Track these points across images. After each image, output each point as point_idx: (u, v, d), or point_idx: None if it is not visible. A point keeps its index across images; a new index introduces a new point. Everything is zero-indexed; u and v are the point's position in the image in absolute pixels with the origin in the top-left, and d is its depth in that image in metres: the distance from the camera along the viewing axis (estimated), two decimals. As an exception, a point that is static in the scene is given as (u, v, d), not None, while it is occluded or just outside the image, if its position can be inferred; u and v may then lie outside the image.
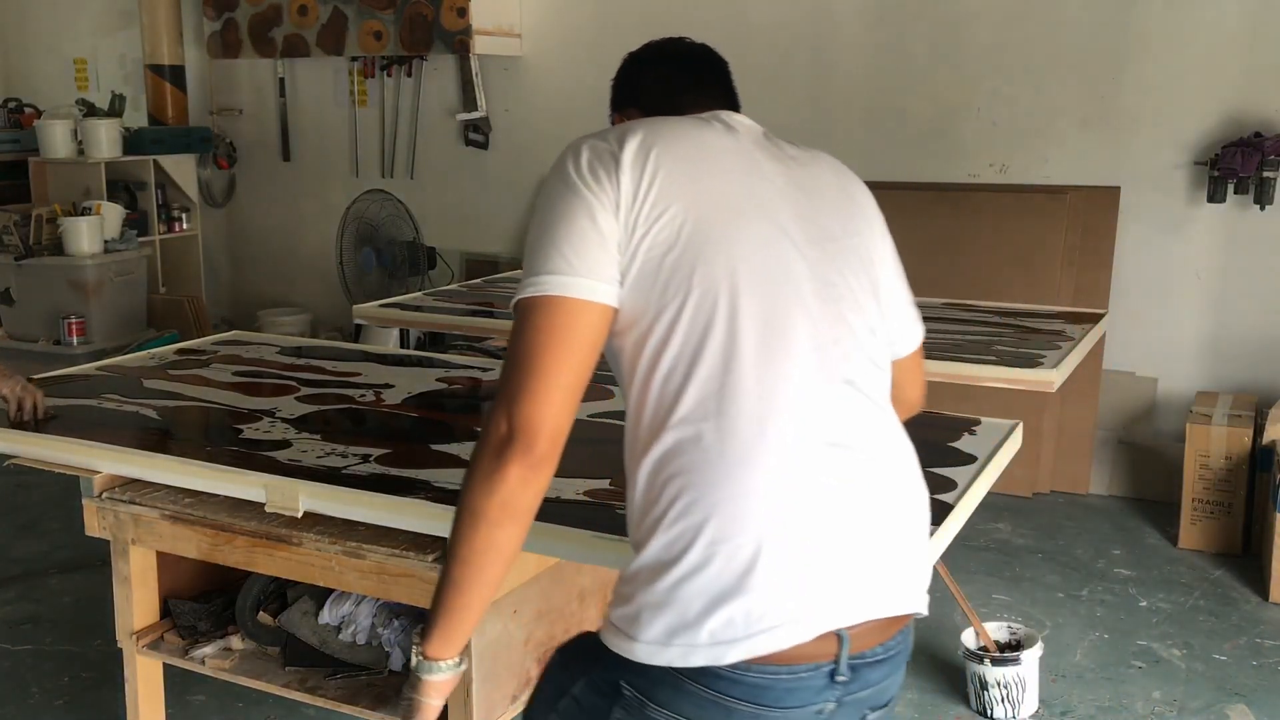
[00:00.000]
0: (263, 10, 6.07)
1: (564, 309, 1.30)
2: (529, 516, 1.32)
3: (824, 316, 1.37)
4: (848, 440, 1.33)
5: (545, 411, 1.28)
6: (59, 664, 3.27)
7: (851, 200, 1.54)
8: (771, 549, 1.26)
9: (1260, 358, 4.49)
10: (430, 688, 1.39)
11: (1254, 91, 4.38)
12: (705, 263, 1.32)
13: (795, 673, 1.26)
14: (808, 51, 5.15)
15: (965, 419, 2.65)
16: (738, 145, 1.45)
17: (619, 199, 1.33)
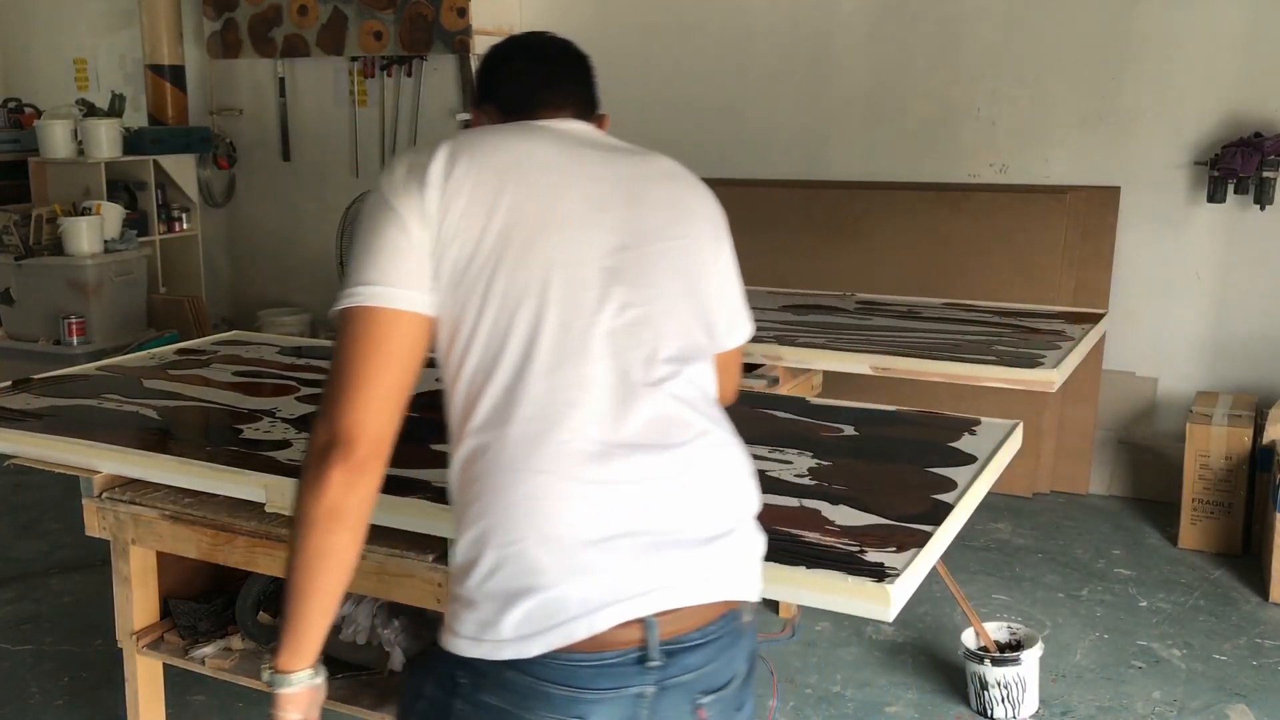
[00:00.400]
0: (263, 10, 6.07)
1: (377, 319, 1.36)
2: (360, 522, 1.36)
3: (627, 321, 1.40)
4: (646, 440, 1.38)
5: (363, 418, 1.34)
6: (59, 664, 3.27)
7: (678, 203, 1.54)
8: (555, 551, 1.32)
9: (1260, 358, 4.49)
10: (286, 701, 1.42)
11: (1254, 91, 4.38)
12: (505, 274, 1.37)
13: (602, 659, 1.32)
14: (808, 51, 5.15)
15: (965, 419, 2.65)
16: (559, 153, 1.48)
17: (425, 210, 1.37)
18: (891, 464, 2.37)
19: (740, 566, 1.43)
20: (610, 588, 1.32)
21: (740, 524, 1.45)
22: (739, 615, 1.44)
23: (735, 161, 5.37)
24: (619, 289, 1.42)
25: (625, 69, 5.58)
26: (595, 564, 1.33)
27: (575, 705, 1.33)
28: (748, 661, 1.48)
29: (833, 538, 1.94)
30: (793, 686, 3.15)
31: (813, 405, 2.83)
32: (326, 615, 1.40)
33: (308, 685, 1.42)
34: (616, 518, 1.35)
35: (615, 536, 1.34)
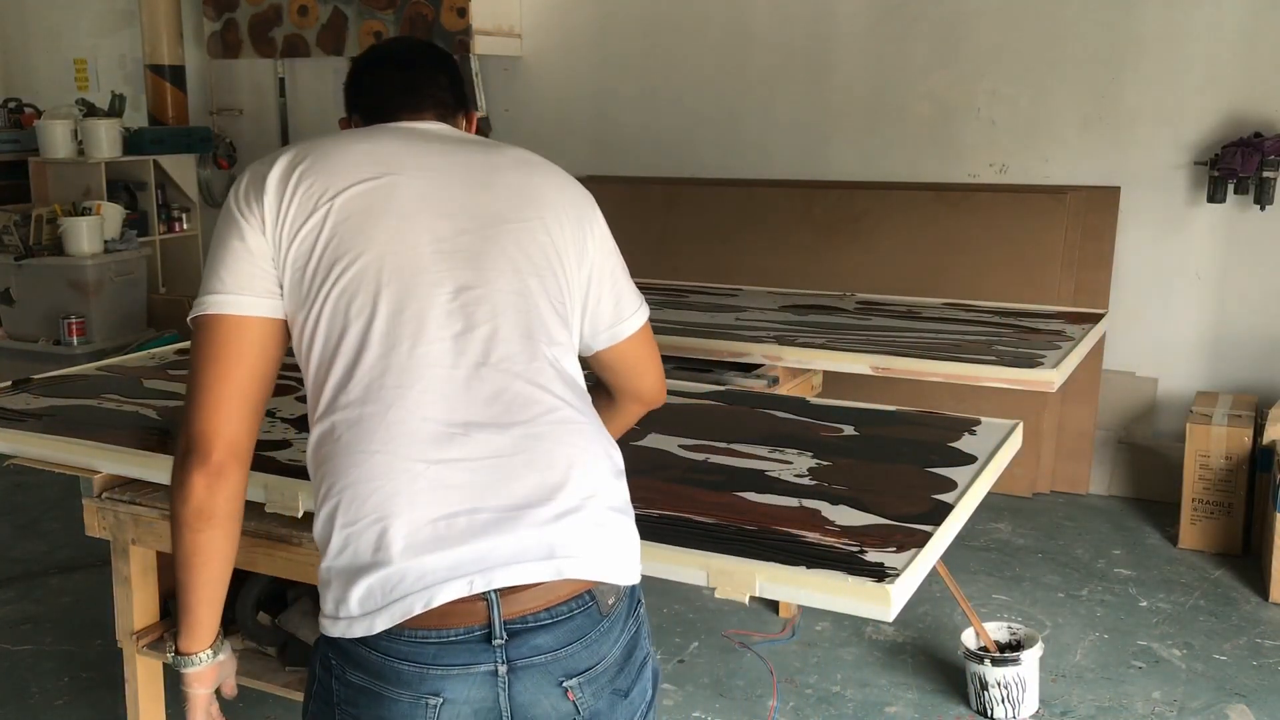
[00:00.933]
0: (263, 10, 6.07)
1: (222, 326, 1.43)
2: (227, 519, 1.44)
3: (465, 302, 1.43)
4: (485, 419, 1.40)
5: (215, 422, 1.41)
6: (59, 664, 3.27)
7: (527, 188, 1.56)
8: (395, 526, 1.35)
9: (1260, 358, 4.49)
10: (192, 679, 1.56)
11: (1254, 91, 4.39)
12: (340, 266, 1.42)
13: (444, 636, 1.35)
14: (808, 51, 5.15)
15: (965, 419, 2.65)
16: (400, 148, 1.52)
17: (264, 217, 1.45)
18: (891, 464, 2.37)
19: (592, 546, 1.41)
20: (448, 564, 1.35)
21: (590, 502, 1.43)
22: (596, 597, 1.42)
23: (735, 161, 5.37)
24: (457, 272, 1.45)
25: (625, 69, 5.58)
26: (433, 541, 1.35)
27: (427, 682, 1.36)
28: (624, 647, 1.47)
29: (833, 538, 1.94)
30: (793, 686, 3.15)
31: (813, 405, 2.83)
32: (213, 603, 1.50)
33: (212, 664, 1.56)
34: (455, 496, 1.37)
35: (454, 514, 1.36)
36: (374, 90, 1.68)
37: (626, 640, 1.48)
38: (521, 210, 1.53)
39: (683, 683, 3.16)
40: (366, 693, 1.39)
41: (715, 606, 3.57)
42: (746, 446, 2.43)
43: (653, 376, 1.78)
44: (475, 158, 1.56)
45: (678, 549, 1.87)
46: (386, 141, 1.54)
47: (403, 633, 1.36)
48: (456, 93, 1.71)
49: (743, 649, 3.35)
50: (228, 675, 1.61)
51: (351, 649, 1.39)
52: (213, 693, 1.60)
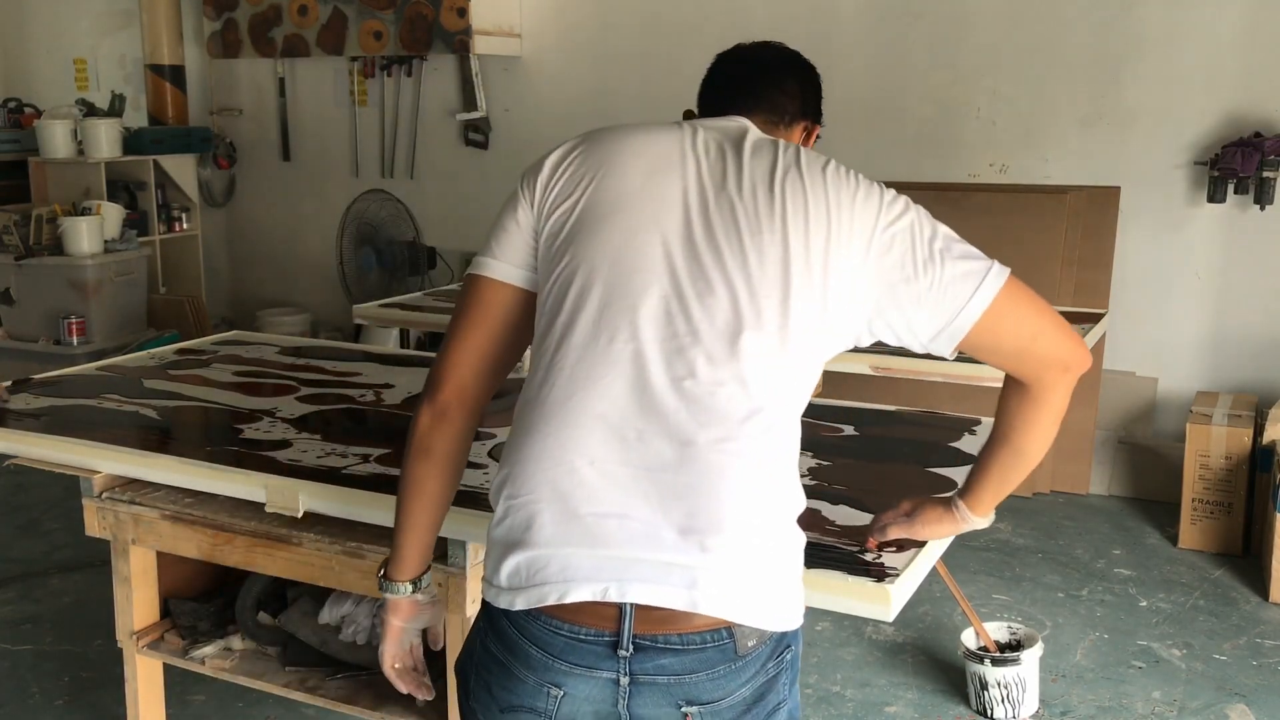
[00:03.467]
0: (263, 10, 6.07)
1: (479, 285, 1.53)
2: (443, 459, 1.52)
3: (674, 312, 1.40)
4: (661, 431, 1.38)
5: (449, 368, 1.51)
6: (59, 664, 3.27)
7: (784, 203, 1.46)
8: (550, 512, 1.39)
9: (1260, 358, 4.49)
10: (390, 606, 1.62)
11: (1254, 91, 4.39)
12: (572, 252, 1.45)
13: (576, 632, 1.38)
14: (808, 51, 5.13)
15: (965, 419, 2.65)
16: (678, 149, 1.49)
17: (534, 196, 1.51)
18: (891, 464, 2.37)
19: (737, 586, 1.37)
20: (591, 563, 1.36)
21: (747, 540, 1.37)
22: (734, 636, 1.38)
23: (735, 161, 5.36)
24: (676, 278, 1.41)
25: (625, 69, 5.58)
26: (582, 535, 1.37)
27: (551, 673, 1.39)
28: (757, 689, 1.42)
29: (833, 538, 1.94)
30: (793, 686, 3.15)
31: (813, 405, 2.82)
32: (418, 537, 1.57)
33: (407, 597, 1.60)
34: (612, 497, 1.37)
35: (606, 514, 1.37)
36: (712, 83, 1.70)
37: (761, 682, 1.42)
38: (762, 224, 1.43)
39: (683, 683, 3.16)
40: (500, 664, 1.44)
41: (715, 606, 3.56)
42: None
43: (1045, 342, 1.51)
44: (747, 166, 1.49)
45: (678, 549, 1.87)
46: (664, 138, 1.51)
47: (540, 617, 1.39)
48: (803, 101, 1.73)
49: (743, 649, 3.35)
50: (430, 620, 1.66)
51: (497, 618, 1.44)
52: (414, 631, 1.65)
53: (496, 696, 1.45)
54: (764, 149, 1.54)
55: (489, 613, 1.45)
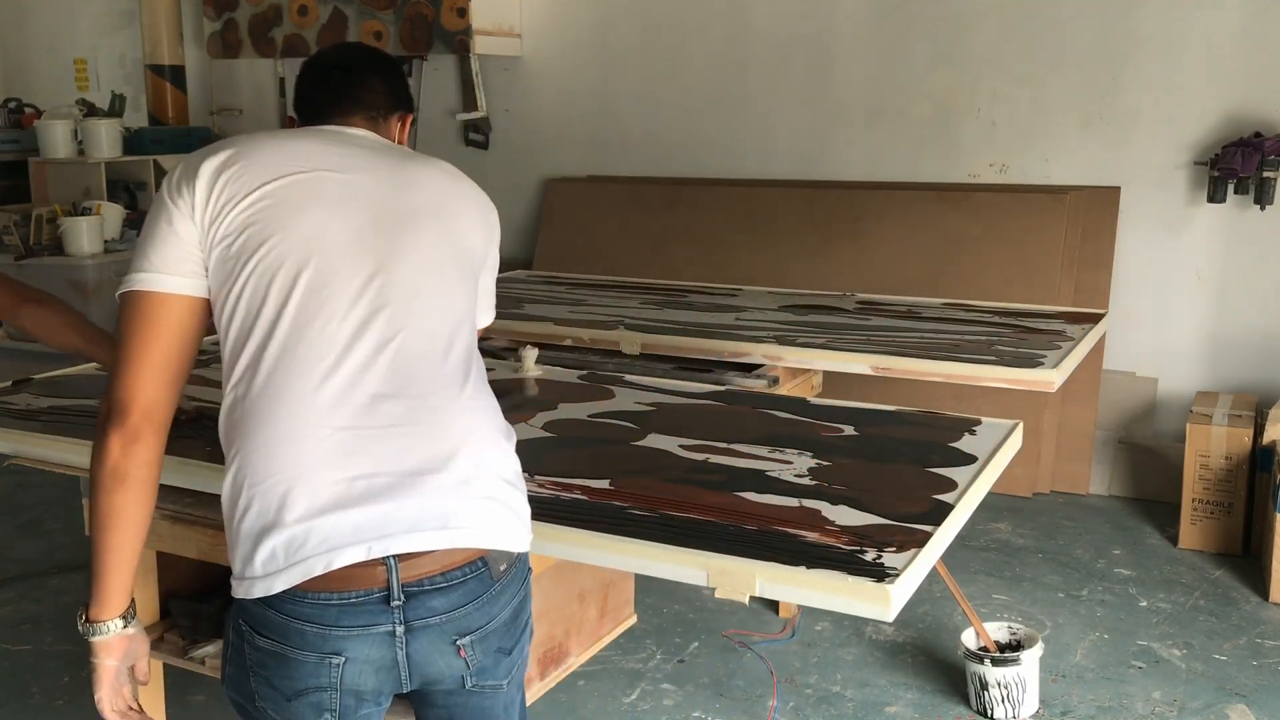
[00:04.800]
0: (263, 10, 6.07)
1: (145, 301, 1.53)
2: (140, 484, 1.51)
3: (378, 288, 1.54)
4: (389, 390, 1.51)
5: (133, 389, 1.50)
6: (59, 664, 3.27)
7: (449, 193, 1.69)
8: (298, 489, 1.46)
9: (1260, 358, 4.49)
10: (99, 648, 1.60)
11: (1254, 91, 4.39)
12: (265, 249, 1.53)
13: (346, 598, 1.46)
14: (808, 51, 5.16)
15: (965, 419, 2.65)
16: (331, 150, 1.64)
17: (194, 204, 1.55)
18: (891, 464, 2.37)
19: (484, 516, 1.52)
20: (349, 527, 1.45)
21: (481, 472, 1.54)
22: (489, 563, 1.53)
23: (735, 161, 5.37)
24: (372, 259, 1.56)
25: (625, 69, 5.58)
26: (334, 502, 1.46)
27: (330, 642, 1.47)
28: (513, 609, 1.59)
29: (833, 538, 1.94)
30: (793, 686, 3.15)
31: (813, 405, 2.83)
32: (124, 569, 1.55)
33: (119, 634, 1.59)
34: (355, 461, 1.47)
35: (354, 478, 1.46)
36: (309, 93, 1.80)
37: (515, 603, 1.59)
38: (439, 208, 1.65)
39: (683, 683, 3.17)
40: (275, 655, 1.49)
41: (715, 606, 3.57)
42: (746, 446, 2.43)
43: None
44: (394, 161, 1.67)
45: (678, 549, 1.87)
46: (313, 142, 1.66)
47: (305, 595, 1.46)
48: (393, 96, 1.82)
49: (743, 649, 3.35)
50: (139, 655, 1.64)
51: (259, 612, 1.49)
52: (124, 669, 1.64)
53: (279, 688, 1.50)
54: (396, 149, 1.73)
55: (248, 611, 1.50)
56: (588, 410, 2.72)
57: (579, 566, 2.45)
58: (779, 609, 3.54)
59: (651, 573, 1.91)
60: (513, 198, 5.93)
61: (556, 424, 2.60)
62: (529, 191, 5.89)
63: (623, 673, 3.21)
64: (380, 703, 1.57)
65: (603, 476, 2.22)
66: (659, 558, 1.87)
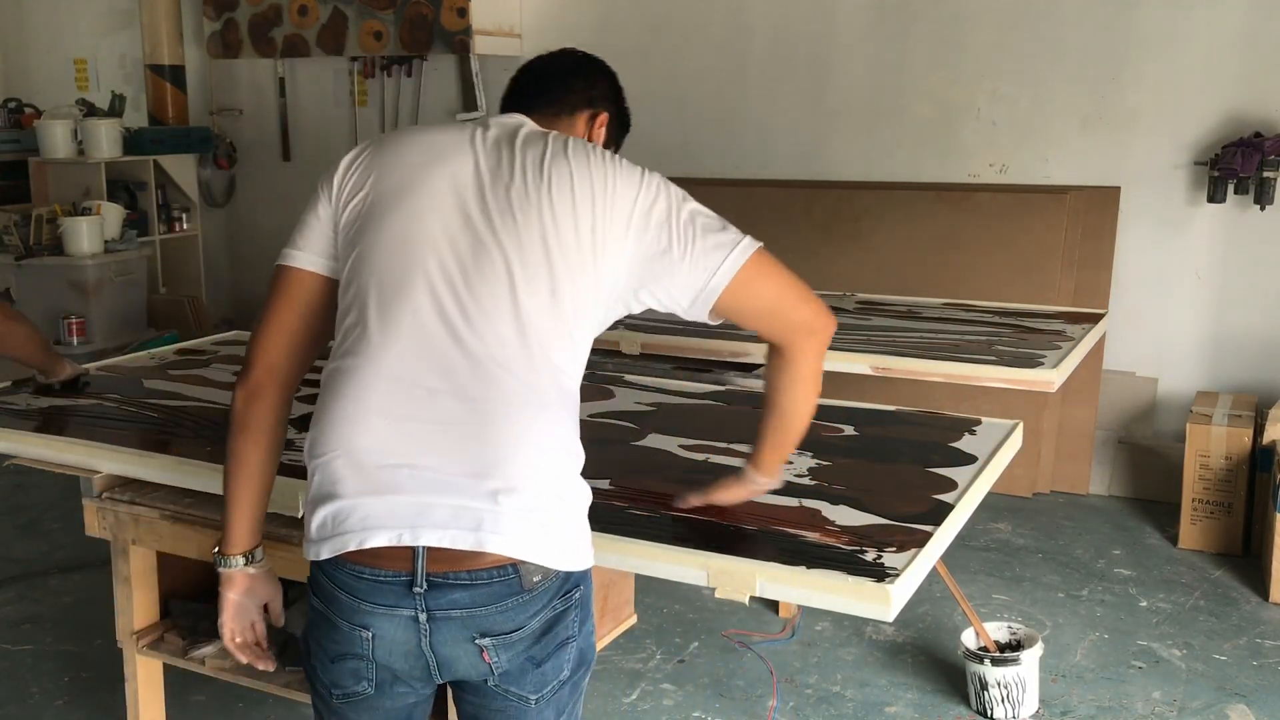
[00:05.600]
0: (263, 10, 6.07)
1: (283, 275, 1.70)
2: (259, 433, 1.66)
3: (459, 286, 1.57)
4: (449, 389, 1.54)
5: (260, 351, 1.66)
6: (59, 664, 3.27)
7: (551, 183, 1.62)
8: (350, 467, 1.55)
9: (1260, 358, 4.49)
10: (225, 580, 1.75)
11: (1254, 91, 4.38)
12: (367, 236, 1.62)
13: (376, 575, 1.54)
14: (808, 51, 5.15)
15: (965, 419, 2.65)
16: (459, 143, 1.66)
17: (333, 191, 1.68)
18: (891, 464, 2.37)
19: (519, 527, 1.53)
20: (386, 510, 1.53)
21: (527, 485, 1.54)
22: (520, 572, 1.55)
23: (735, 161, 5.37)
24: (459, 257, 1.58)
25: (625, 69, 5.57)
26: (378, 485, 1.53)
27: (359, 615, 1.56)
28: (545, 621, 1.59)
29: (833, 538, 1.94)
30: (793, 686, 3.15)
31: (813, 405, 2.82)
32: (246, 510, 1.70)
33: (240, 570, 1.73)
34: (405, 449, 1.54)
35: (399, 465, 1.53)
36: (507, 92, 1.86)
37: (549, 616, 1.60)
38: (531, 202, 1.60)
39: (683, 683, 3.17)
40: (322, 616, 1.61)
41: (715, 606, 3.57)
42: (746, 446, 2.43)
43: (790, 313, 1.77)
44: (519, 154, 1.65)
45: (678, 549, 1.87)
46: (447, 135, 1.69)
47: (345, 564, 1.56)
48: (587, 95, 1.86)
49: (743, 649, 3.35)
50: (268, 595, 1.78)
51: (315, 574, 1.61)
52: (252, 605, 1.77)
53: (325, 647, 1.62)
54: (535, 139, 1.68)
55: (311, 574, 1.62)
56: (588, 410, 2.71)
57: (579, 566, 2.45)
58: (779, 609, 3.54)
59: (651, 573, 1.91)
60: (513, 198, 5.92)
61: (556, 424, 2.60)
62: (529, 191, 5.89)
63: (623, 673, 3.21)
64: (415, 688, 1.63)
65: (603, 476, 2.22)
66: (659, 558, 1.87)
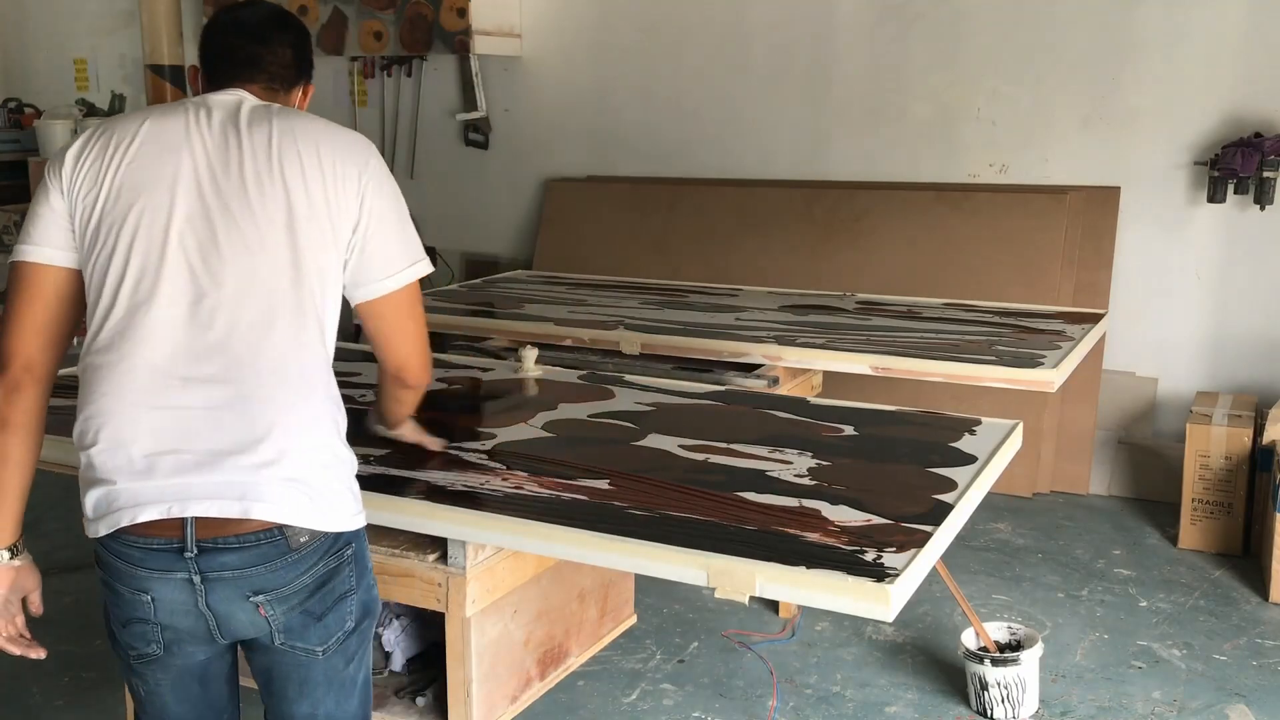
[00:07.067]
0: (263, 10, 6.06)
1: (24, 270, 1.73)
2: (21, 430, 1.72)
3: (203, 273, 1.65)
4: (205, 376, 1.64)
5: (13, 346, 1.70)
6: (59, 664, 3.26)
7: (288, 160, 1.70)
8: (119, 456, 1.64)
9: (1260, 358, 4.49)
10: None
11: (1254, 91, 4.39)
12: (105, 232, 1.68)
13: (148, 543, 1.66)
14: (808, 51, 5.16)
15: (965, 419, 2.65)
16: (188, 128, 1.72)
17: (64, 184, 1.72)
18: (891, 464, 2.37)
19: (282, 494, 1.65)
20: (154, 491, 1.63)
21: (288, 456, 1.65)
22: (286, 534, 1.67)
23: (735, 161, 5.37)
24: (200, 245, 1.66)
25: (625, 69, 5.58)
26: (145, 472, 1.63)
27: (138, 580, 1.69)
28: (317, 577, 1.71)
29: (833, 538, 1.94)
30: (793, 686, 3.15)
31: (813, 405, 2.83)
32: (9, 505, 1.81)
33: (6, 564, 1.84)
34: (167, 437, 1.63)
35: (163, 452, 1.63)
36: (215, 54, 1.86)
37: (321, 573, 1.72)
38: (272, 182, 1.69)
39: (683, 683, 3.17)
40: (109, 586, 1.75)
41: (715, 606, 3.57)
42: (746, 446, 2.43)
43: (401, 351, 1.87)
44: (251, 135, 1.72)
45: (678, 549, 1.87)
46: (173, 121, 1.73)
47: (122, 537, 1.68)
48: (297, 69, 1.89)
49: (743, 649, 3.35)
50: (31, 587, 1.88)
51: (99, 551, 1.74)
52: (14, 599, 1.88)
53: (116, 615, 1.76)
54: (260, 118, 1.74)
55: (95, 552, 1.74)
56: (588, 410, 2.72)
57: (579, 566, 2.45)
58: (779, 609, 3.54)
59: (651, 573, 1.91)
60: (513, 198, 5.93)
61: (556, 424, 2.60)
62: (529, 191, 5.89)
63: (623, 673, 3.21)
64: (203, 646, 1.75)
65: (603, 477, 2.22)
66: (659, 558, 1.87)
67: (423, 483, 2.19)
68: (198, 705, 1.83)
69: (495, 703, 2.27)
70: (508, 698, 2.31)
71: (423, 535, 2.13)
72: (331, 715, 1.82)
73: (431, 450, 2.31)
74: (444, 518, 2.06)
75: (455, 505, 2.08)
